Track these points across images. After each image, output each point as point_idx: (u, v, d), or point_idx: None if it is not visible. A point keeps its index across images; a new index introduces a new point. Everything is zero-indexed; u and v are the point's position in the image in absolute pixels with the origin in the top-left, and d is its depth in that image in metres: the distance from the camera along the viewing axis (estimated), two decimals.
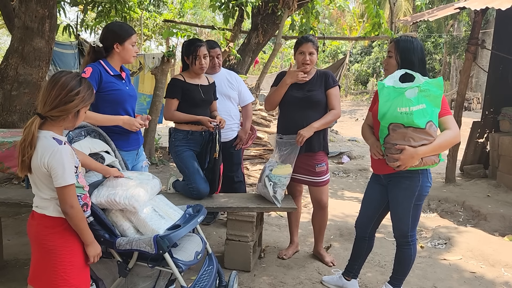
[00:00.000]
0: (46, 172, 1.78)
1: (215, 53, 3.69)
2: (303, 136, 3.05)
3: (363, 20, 13.78)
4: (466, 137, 6.83)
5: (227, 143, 3.72)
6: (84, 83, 1.87)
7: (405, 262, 2.66)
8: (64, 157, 1.78)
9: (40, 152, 1.77)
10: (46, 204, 1.86)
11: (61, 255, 1.85)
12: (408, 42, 2.47)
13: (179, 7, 15.27)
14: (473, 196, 5.39)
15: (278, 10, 5.74)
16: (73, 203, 1.81)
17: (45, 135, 1.80)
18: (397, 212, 2.58)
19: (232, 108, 3.81)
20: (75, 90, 1.81)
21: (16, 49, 4.60)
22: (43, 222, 1.86)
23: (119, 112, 2.70)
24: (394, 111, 2.27)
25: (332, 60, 25.15)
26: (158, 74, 7.04)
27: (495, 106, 6.63)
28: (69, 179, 1.78)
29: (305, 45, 3.11)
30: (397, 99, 2.26)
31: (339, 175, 7.00)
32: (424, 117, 2.24)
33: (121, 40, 2.67)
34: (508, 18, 6.28)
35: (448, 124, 2.36)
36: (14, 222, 3.99)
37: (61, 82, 1.80)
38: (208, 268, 2.41)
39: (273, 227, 4.18)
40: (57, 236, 1.85)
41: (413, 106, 2.22)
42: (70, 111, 1.82)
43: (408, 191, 2.48)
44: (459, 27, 23.38)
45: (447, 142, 2.34)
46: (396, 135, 2.30)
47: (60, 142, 1.80)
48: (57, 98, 1.78)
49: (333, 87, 3.17)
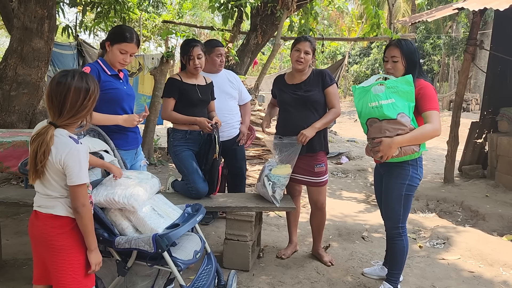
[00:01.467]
0: (60, 170, 1.78)
1: (219, 51, 3.70)
2: (306, 137, 3.06)
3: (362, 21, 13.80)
4: (465, 138, 6.85)
5: (229, 140, 3.75)
6: (91, 81, 1.86)
7: (399, 254, 2.76)
8: (82, 156, 1.79)
9: (57, 149, 1.76)
10: (53, 203, 1.84)
11: (70, 254, 1.85)
12: (410, 44, 2.64)
13: (178, 8, 15.28)
14: (472, 196, 5.40)
15: (277, 11, 5.75)
16: (85, 202, 1.81)
17: (61, 133, 1.80)
18: (389, 201, 2.72)
19: (234, 107, 3.84)
20: (88, 93, 1.82)
21: (15, 49, 4.61)
22: (50, 222, 1.84)
23: (117, 111, 2.71)
24: (366, 107, 2.57)
25: (331, 61, 25.18)
26: (157, 74, 7.04)
27: (494, 107, 6.65)
28: (84, 178, 1.79)
29: (302, 43, 3.12)
30: (367, 96, 2.57)
31: (337, 176, 7.01)
32: (394, 110, 2.48)
33: (112, 41, 2.67)
34: (506, 19, 6.30)
35: (429, 119, 2.51)
36: (13, 222, 3.99)
37: (73, 89, 1.78)
38: (207, 268, 2.41)
39: (272, 227, 4.18)
40: (65, 236, 1.84)
41: (382, 100, 2.50)
42: (86, 115, 1.85)
43: (398, 179, 2.66)
44: (458, 28, 23.42)
45: (423, 134, 2.49)
46: (373, 129, 2.55)
47: (76, 141, 1.81)
48: (74, 107, 1.79)
49: (331, 86, 3.18)
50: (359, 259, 3.46)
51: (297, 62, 3.14)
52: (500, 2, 4.84)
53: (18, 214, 4.17)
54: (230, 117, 3.73)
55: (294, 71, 3.26)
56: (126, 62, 2.70)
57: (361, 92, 2.63)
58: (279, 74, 3.59)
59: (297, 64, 3.14)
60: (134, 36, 2.67)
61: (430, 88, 2.60)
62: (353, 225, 4.35)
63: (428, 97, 2.55)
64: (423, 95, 2.56)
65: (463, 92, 6.22)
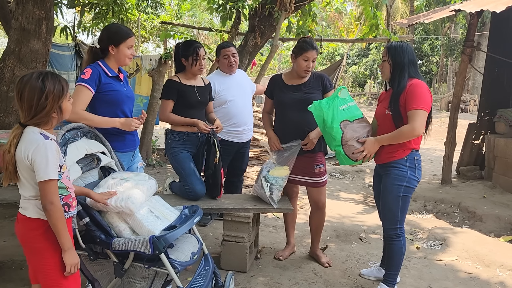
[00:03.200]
0: (29, 166, 1.75)
1: (225, 53, 3.73)
2: (313, 143, 3.10)
3: (360, 22, 13.81)
4: (462, 139, 6.87)
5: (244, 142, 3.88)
6: (48, 81, 1.78)
7: (396, 256, 2.78)
8: (49, 151, 1.75)
9: (25, 145, 1.75)
10: (26, 204, 1.83)
11: (44, 256, 1.82)
12: (398, 45, 2.73)
13: (176, 9, 15.29)
14: (469, 197, 5.41)
15: (275, 12, 5.75)
16: (53, 200, 1.75)
17: (32, 130, 1.78)
18: (386, 202, 2.75)
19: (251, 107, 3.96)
20: (43, 94, 1.75)
21: (13, 50, 4.60)
22: (26, 225, 1.83)
23: (117, 113, 2.70)
24: (337, 110, 2.76)
25: (330, 62, 25.20)
26: (155, 75, 7.05)
27: (491, 108, 6.67)
28: (51, 173, 1.74)
29: (310, 52, 3.09)
30: (335, 101, 2.79)
31: (335, 177, 7.02)
32: (358, 110, 2.84)
33: (116, 42, 2.67)
34: (503, 21, 6.33)
35: (410, 119, 2.60)
36: (10, 223, 3.98)
37: (26, 91, 1.75)
38: (204, 269, 2.42)
39: (269, 228, 4.18)
40: (41, 238, 1.81)
41: (349, 103, 2.81)
42: (49, 114, 1.79)
43: (396, 180, 2.69)
44: (456, 29, 23.49)
45: (401, 134, 2.62)
46: (348, 131, 2.74)
47: (46, 137, 1.77)
48: (31, 108, 1.75)
49: (331, 91, 3.21)
50: (356, 260, 3.46)
51: (305, 72, 3.14)
52: (497, 4, 4.85)
53: (15, 215, 4.15)
54: (251, 120, 3.88)
55: (293, 72, 3.25)
56: (133, 54, 2.79)
57: (329, 100, 2.81)
58: (274, 75, 3.60)
59: (305, 73, 3.15)
60: (129, 29, 2.82)
61: (418, 87, 2.61)
62: (350, 226, 4.35)
63: (413, 96, 2.59)
64: (408, 93, 2.61)
65: (460, 94, 6.24)
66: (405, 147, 2.67)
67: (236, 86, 3.78)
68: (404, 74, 2.67)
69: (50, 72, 1.85)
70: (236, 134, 3.76)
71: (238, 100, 3.75)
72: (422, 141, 2.76)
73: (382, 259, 3.13)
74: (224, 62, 3.75)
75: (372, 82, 30.34)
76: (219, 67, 3.91)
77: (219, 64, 3.83)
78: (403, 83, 2.65)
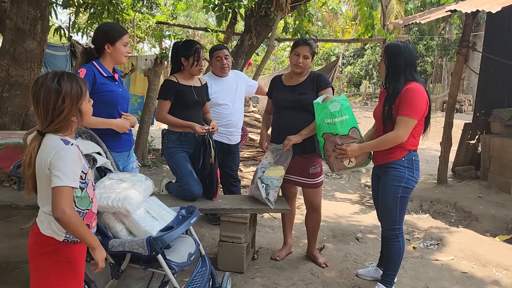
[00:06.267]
0: (48, 175, 1.60)
1: (217, 55, 3.73)
2: (290, 141, 3.08)
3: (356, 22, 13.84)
4: (458, 139, 6.90)
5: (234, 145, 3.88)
6: (64, 81, 1.64)
7: (395, 256, 2.79)
8: (69, 156, 1.60)
9: (45, 151, 1.61)
10: (43, 217, 1.70)
11: (52, 276, 1.70)
12: (395, 47, 2.69)
13: (172, 9, 15.26)
14: (465, 197, 5.43)
15: (271, 12, 5.75)
16: (64, 208, 1.58)
17: (52, 137, 1.65)
18: (385, 202, 2.75)
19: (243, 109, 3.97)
20: (60, 97, 1.61)
21: (8, 50, 4.58)
22: (37, 238, 1.71)
23: (113, 113, 2.69)
24: (323, 123, 2.78)
25: (325, 63, 25.23)
26: (151, 76, 7.02)
27: (486, 108, 6.70)
28: (67, 180, 1.59)
29: (301, 47, 3.10)
30: (324, 112, 2.78)
31: (332, 177, 7.03)
32: (346, 126, 2.75)
33: (112, 40, 2.66)
34: (498, 21, 6.36)
35: (397, 125, 2.62)
36: (5, 224, 3.95)
37: (42, 95, 1.61)
38: (201, 270, 2.41)
39: (266, 229, 4.18)
40: (45, 257, 1.69)
41: (336, 118, 2.73)
42: (68, 118, 1.66)
43: (395, 181, 2.69)
44: (451, 29, 23.59)
45: (385, 141, 2.66)
46: (329, 143, 2.80)
47: (67, 142, 1.65)
48: (48, 113, 1.62)
49: (325, 89, 3.14)
50: (353, 261, 3.46)
51: (296, 66, 3.14)
52: (492, 4, 4.87)
53: (11, 216, 4.13)
54: (241, 123, 3.90)
55: (292, 73, 3.25)
56: (129, 52, 2.79)
57: (320, 108, 2.82)
58: (276, 75, 3.60)
59: (295, 68, 3.15)
60: (123, 27, 2.84)
61: (413, 92, 2.58)
62: (347, 226, 4.36)
63: (406, 102, 2.57)
64: (402, 98, 2.60)
65: (456, 94, 6.26)
66: (402, 148, 2.67)
67: (228, 89, 3.77)
68: (399, 79, 2.63)
69: (67, 72, 1.70)
70: (226, 135, 3.77)
71: (229, 103, 3.76)
72: (420, 142, 2.77)
73: (379, 259, 3.14)
74: (216, 64, 3.74)
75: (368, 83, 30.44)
76: (211, 69, 3.91)
77: (212, 66, 3.83)
78: (398, 88, 2.62)
